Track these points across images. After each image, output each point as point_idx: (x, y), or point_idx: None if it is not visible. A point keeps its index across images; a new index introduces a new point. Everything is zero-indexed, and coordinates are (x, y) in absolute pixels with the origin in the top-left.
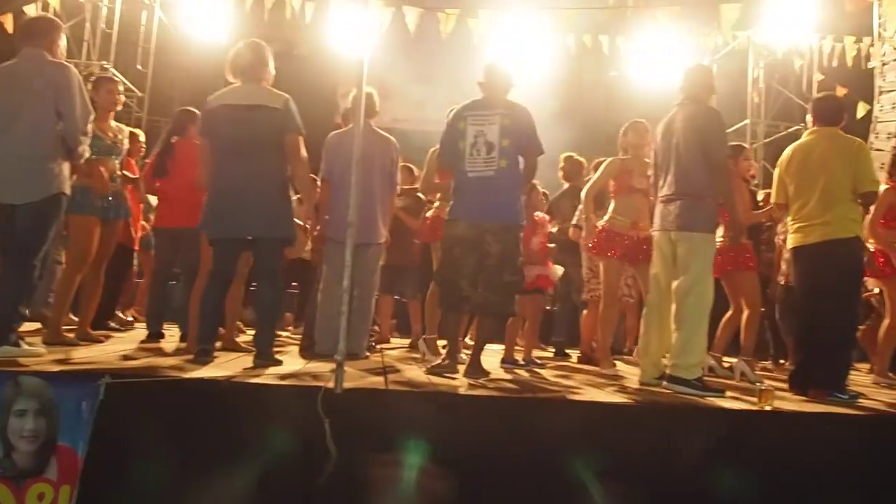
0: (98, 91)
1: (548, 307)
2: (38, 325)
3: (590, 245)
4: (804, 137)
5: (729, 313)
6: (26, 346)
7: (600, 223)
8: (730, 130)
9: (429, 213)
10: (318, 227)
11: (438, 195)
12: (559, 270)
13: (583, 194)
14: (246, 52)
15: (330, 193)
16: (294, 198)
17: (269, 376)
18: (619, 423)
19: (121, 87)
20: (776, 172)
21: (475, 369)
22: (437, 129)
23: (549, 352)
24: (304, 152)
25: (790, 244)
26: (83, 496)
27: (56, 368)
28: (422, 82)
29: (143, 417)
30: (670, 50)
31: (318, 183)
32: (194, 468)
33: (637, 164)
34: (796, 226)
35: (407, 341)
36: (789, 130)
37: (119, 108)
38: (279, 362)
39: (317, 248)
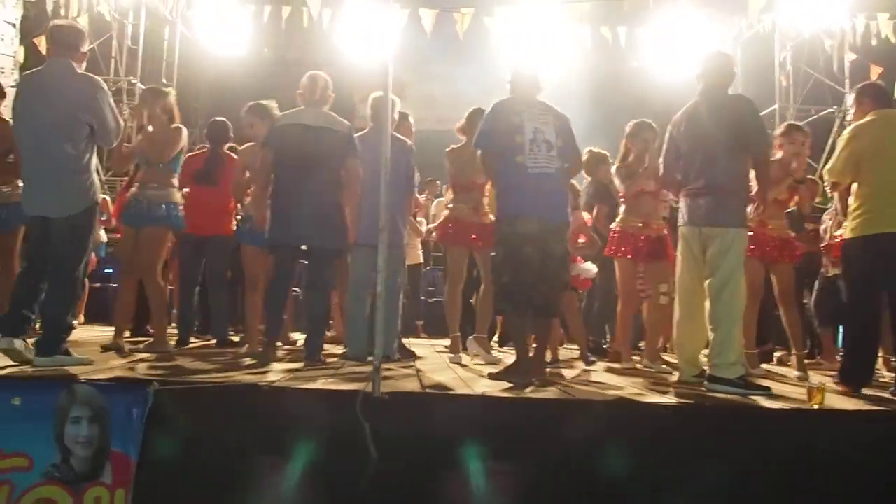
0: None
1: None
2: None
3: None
4: (869, 118)
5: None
6: (76, 356)
7: (613, 225)
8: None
9: (444, 213)
10: None
11: (450, 195)
12: (590, 267)
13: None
14: (315, 79)
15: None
16: None
17: (309, 381)
18: (665, 425)
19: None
20: (846, 150)
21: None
22: (451, 128)
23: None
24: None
25: (854, 233)
26: (137, 499)
27: (106, 377)
28: (437, 82)
29: (191, 422)
30: (691, 38)
31: None
32: (240, 470)
33: (641, 165)
34: (861, 211)
35: (437, 342)
36: (821, 114)
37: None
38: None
39: None
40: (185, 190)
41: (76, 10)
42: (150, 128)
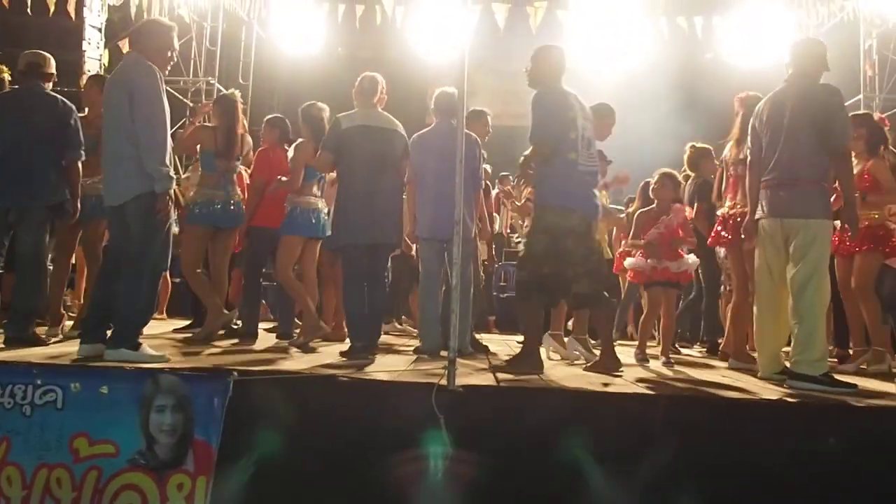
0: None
1: None
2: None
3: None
4: None
5: None
6: (148, 352)
7: (720, 211)
8: None
9: None
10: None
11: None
12: (694, 261)
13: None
14: (375, 80)
15: (418, 193)
16: None
17: (384, 373)
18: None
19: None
20: None
21: (612, 360)
22: (526, 123)
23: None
24: None
25: None
26: (217, 486)
27: (189, 367)
28: (510, 78)
29: (269, 411)
30: (770, 27)
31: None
32: (316, 459)
33: None
34: None
35: (509, 337)
36: None
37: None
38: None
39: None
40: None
41: (157, 13)
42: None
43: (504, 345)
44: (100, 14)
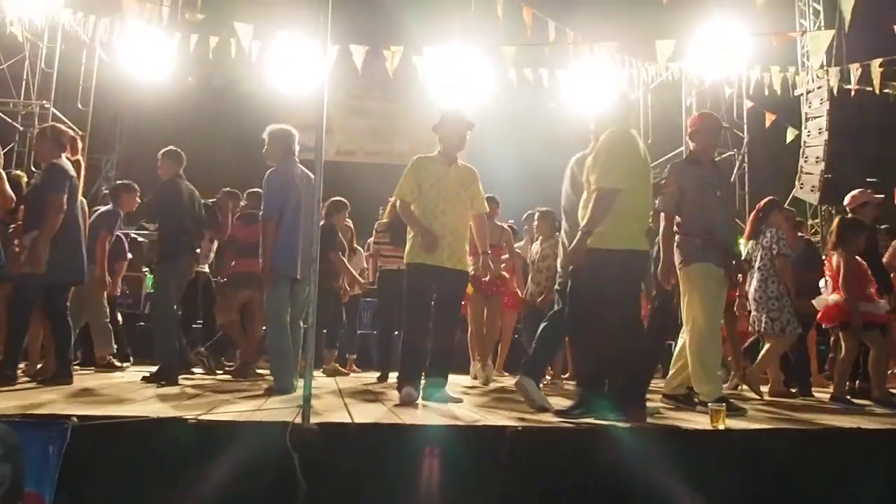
0: None
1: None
2: None
3: None
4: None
5: None
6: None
7: None
8: (667, 157)
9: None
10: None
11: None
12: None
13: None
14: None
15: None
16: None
17: (235, 413)
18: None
19: None
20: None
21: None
22: (384, 161)
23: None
24: None
25: (639, 245)
26: None
27: (21, 412)
28: (365, 116)
29: (112, 459)
30: (606, 81)
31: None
32: None
33: None
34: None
35: (366, 375)
36: (723, 156)
37: None
38: None
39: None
40: None
41: None
42: None
43: (358, 382)
44: None
